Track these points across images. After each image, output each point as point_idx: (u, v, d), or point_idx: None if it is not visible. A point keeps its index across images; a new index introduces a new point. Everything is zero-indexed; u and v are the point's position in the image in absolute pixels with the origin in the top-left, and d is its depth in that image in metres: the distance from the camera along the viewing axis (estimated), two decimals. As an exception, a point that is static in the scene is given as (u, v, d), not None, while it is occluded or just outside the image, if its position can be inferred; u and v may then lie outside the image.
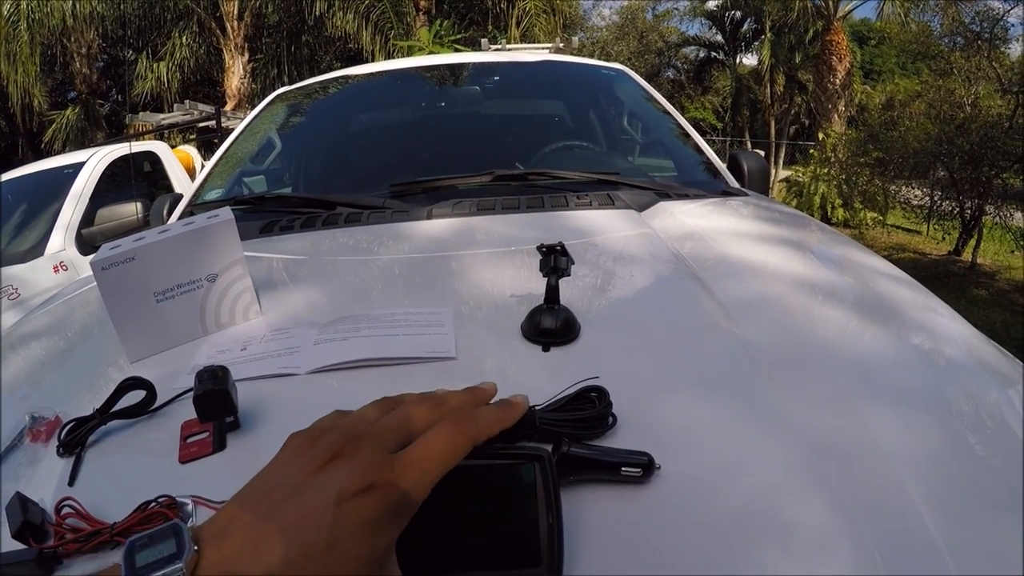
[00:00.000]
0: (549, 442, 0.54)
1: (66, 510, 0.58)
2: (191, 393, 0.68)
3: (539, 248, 0.80)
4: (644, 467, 0.53)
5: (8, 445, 0.74)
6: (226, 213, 0.94)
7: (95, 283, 1.31)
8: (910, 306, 0.94)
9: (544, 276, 0.79)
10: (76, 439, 0.71)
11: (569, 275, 0.79)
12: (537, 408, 0.57)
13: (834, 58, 13.11)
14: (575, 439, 0.55)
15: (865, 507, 0.52)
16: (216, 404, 0.65)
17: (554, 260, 0.78)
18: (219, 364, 0.69)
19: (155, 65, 14.43)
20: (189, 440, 0.67)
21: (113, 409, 0.73)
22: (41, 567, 0.54)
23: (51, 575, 0.54)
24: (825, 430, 0.61)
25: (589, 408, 0.58)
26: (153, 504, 0.55)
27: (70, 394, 0.82)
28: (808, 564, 0.48)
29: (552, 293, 0.79)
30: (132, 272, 0.88)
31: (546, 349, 0.75)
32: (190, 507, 0.56)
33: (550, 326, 0.75)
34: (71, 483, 0.66)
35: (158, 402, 0.74)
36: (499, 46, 5.83)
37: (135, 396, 0.74)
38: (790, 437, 0.60)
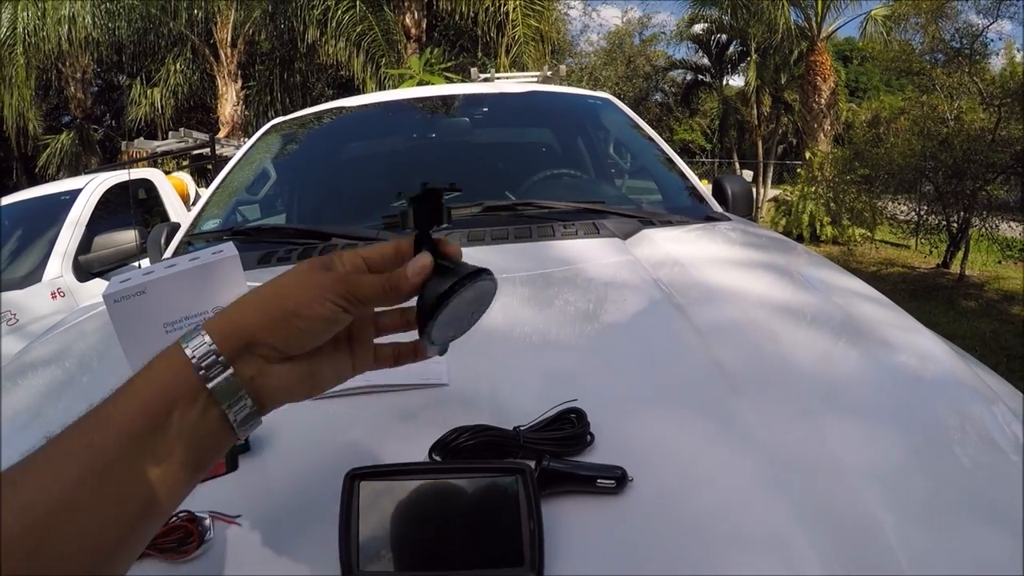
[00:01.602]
0: (533, 458, 0.59)
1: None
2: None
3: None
4: (618, 479, 0.59)
5: None
6: (230, 249, 0.99)
7: (98, 311, 1.38)
8: (881, 325, 0.99)
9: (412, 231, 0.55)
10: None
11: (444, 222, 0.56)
12: (521, 428, 0.64)
13: (819, 78, 13.26)
14: (556, 455, 0.61)
15: (823, 514, 0.58)
16: None
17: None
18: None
19: (149, 91, 14.50)
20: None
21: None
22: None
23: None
24: (787, 444, 0.66)
25: (568, 428, 0.65)
26: (175, 519, 0.60)
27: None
28: (767, 568, 0.54)
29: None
30: (142, 304, 0.93)
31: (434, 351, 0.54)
32: (208, 521, 0.61)
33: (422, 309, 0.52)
34: None
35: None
36: (489, 75, 5.91)
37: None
38: (754, 451, 0.66)
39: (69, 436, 0.43)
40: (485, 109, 2.41)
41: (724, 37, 19.98)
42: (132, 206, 4.16)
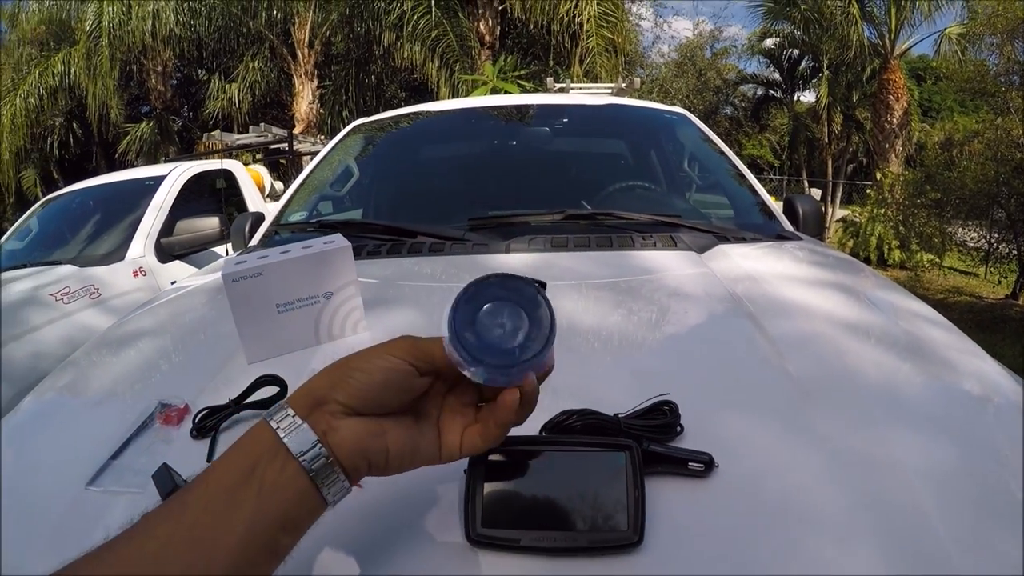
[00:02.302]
0: (631, 440, 0.66)
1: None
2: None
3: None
4: (707, 464, 0.67)
5: (139, 426, 0.87)
6: (341, 240, 1.08)
7: (187, 291, 1.48)
8: (943, 346, 1.03)
9: None
10: (210, 424, 0.85)
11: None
12: (621, 416, 0.71)
13: (891, 97, 12.98)
14: (652, 440, 0.68)
15: (881, 506, 0.65)
16: None
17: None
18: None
19: (227, 86, 14.95)
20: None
21: (247, 400, 0.88)
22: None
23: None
24: (852, 445, 0.73)
25: (661, 418, 0.72)
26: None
27: (190, 386, 0.96)
28: (831, 548, 0.61)
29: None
30: (258, 285, 1.03)
31: None
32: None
33: None
34: (209, 460, 0.79)
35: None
36: (564, 84, 5.97)
37: (266, 391, 0.88)
38: (822, 449, 0.73)
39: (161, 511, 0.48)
40: (565, 119, 2.48)
41: (796, 52, 19.67)
42: (219, 194, 4.32)
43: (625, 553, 0.59)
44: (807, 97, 22.70)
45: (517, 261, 1.35)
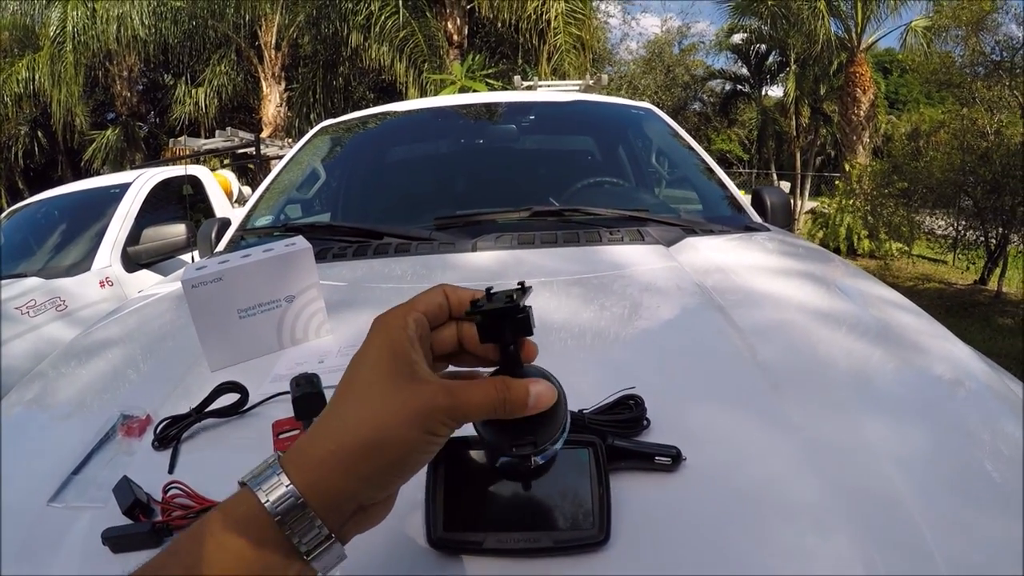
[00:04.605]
0: (595, 436, 0.65)
1: (173, 491, 0.70)
2: (281, 396, 0.81)
3: (472, 310, 0.49)
4: (674, 457, 0.66)
5: (100, 439, 0.85)
6: (303, 242, 1.07)
7: (153, 299, 1.45)
8: (914, 332, 1.04)
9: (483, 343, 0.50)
10: (172, 434, 0.83)
11: (530, 334, 0.50)
12: (585, 411, 0.70)
13: (858, 89, 13.12)
14: (617, 435, 0.67)
15: (855, 492, 0.64)
16: (312, 405, 0.77)
17: (502, 326, 0.49)
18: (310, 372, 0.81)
19: (193, 91, 14.79)
20: (282, 436, 0.79)
21: (208, 409, 0.86)
22: (153, 538, 0.66)
23: (161, 545, 0.65)
24: (823, 433, 0.73)
25: (627, 412, 0.71)
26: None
27: (152, 396, 0.94)
28: (804, 537, 0.60)
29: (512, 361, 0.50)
30: (219, 291, 1.01)
31: (526, 465, 0.52)
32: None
33: (520, 437, 0.50)
34: (171, 471, 0.77)
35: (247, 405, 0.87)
36: (532, 82, 5.97)
37: (227, 399, 0.86)
38: (793, 438, 0.72)
39: None
40: (532, 116, 2.47)
41: (763, 47, 19.81)
42: (187, 200, 4.26)
43: (591, 552, 0.58)
44: (775, 91, 22.93)
45: (484, 259, 1.34)
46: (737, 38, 19.74)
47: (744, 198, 1.93)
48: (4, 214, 4.78)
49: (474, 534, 0.59)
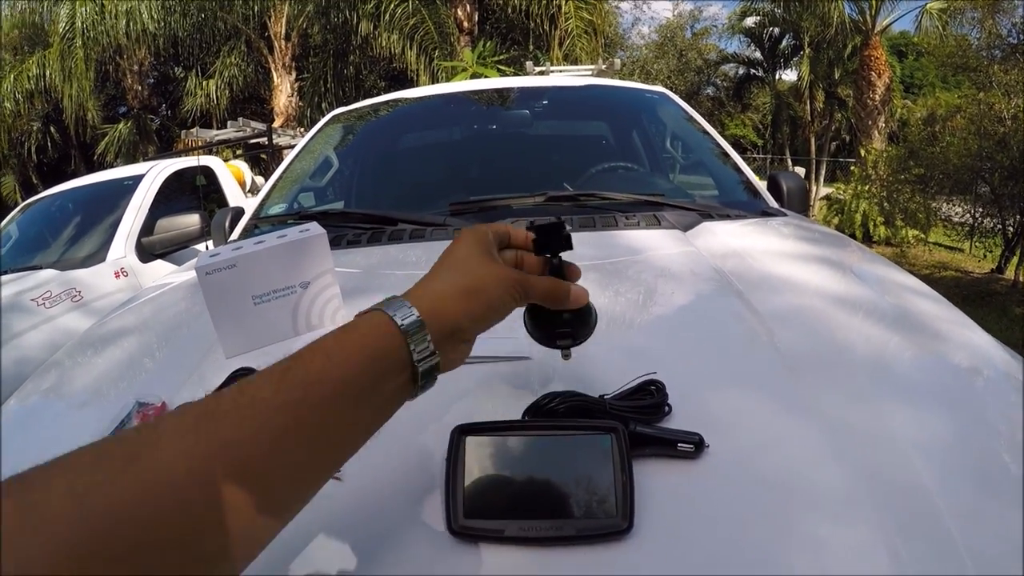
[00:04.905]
0: (618, 422, 0.64)
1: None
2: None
3: (528, 227, 0.67)
4: (696, 444, 0.64)
5: (116, 426, 0.85)
6: (316, 228, 1.05)
7: (168, 288, 1.45)
8: (934, 318, 1.02)
9: (538, 255, 0.67)
10: (188, 422, 0.82)
11: (570, 248, 0.68)
12: (607, 396, 0.69)
13: (873, 73, 12.99)
14: (639, 421, 0.65)
15: (879, 481, 0.63)
16: None
17: (550, 240, 0.66)
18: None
19: (204, 83, 14.85)
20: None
21: (223, 395, 0.85)
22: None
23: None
24: (843, 419, 0.71)
25: (649, 398, 0.70)
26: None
27: (168, 384, 0.93)
28: (828, 526, 0.59)
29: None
30: (233, 278, 1.00)
31: (566, 355, 0.69)
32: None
33: (562, 327, 0.67)
34: None
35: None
36: (543, 68, 5.92)
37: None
38: (813, 424, 0.70)
39: (269, 387, 0.46)
40: (545, 102, 2.45)
41: (777, 31, 19.66)
42: (200, 190, 4.27)
43: (615, 540, 0.57)
44: (789, 75, 22.78)
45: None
46: (750, 21, 19.61)
47: (760, 183, 1.91)
48: (19, 208, 4.81)
49: (495, 522, 0.58)
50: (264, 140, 8.43)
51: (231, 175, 5.07)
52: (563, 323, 0.66)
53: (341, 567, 0.58)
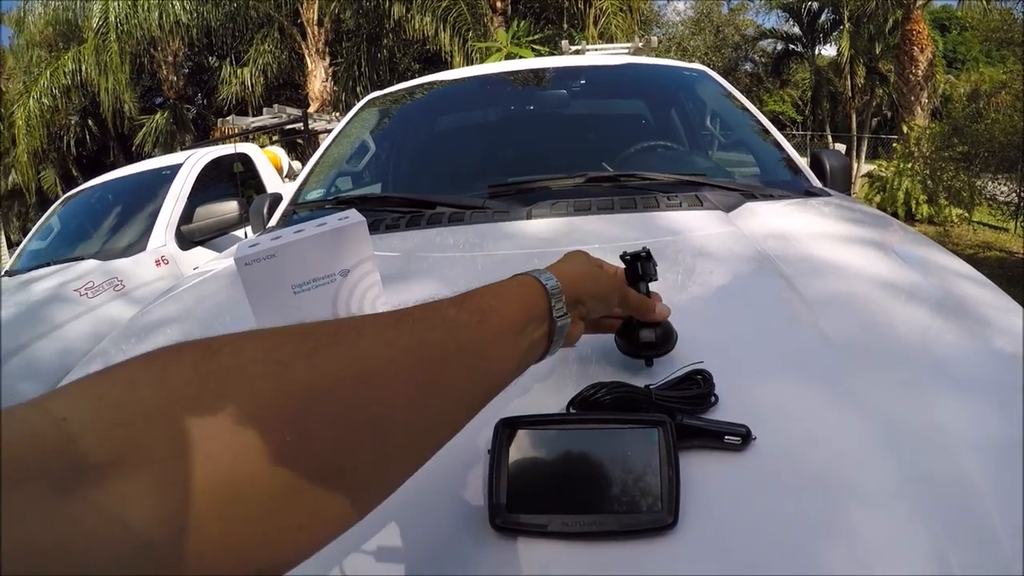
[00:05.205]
0: (663, 414, 0.62)
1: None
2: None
3: (623, 257, 0.77)
4: (743, 437, 0.62)
5: None
6: (356, 215, 1.05)
7: (208, 276, 1.46)
8: (982, 304, 0.98)
9: (631, 285, 0.75)
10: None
11: (656, 279, 0.77)
12: (652, 387, 0.67)
13: (915, 48, 12.65)
14: (685, 413, 0.64)
15: (928, 479, 0.60)
16: None
17: (641, 268, 0.75)
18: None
19: (239, 71, 14.98)
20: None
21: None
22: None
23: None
24: (894, 411, 0.68)
25: (695, 388, 0.68)
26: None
27: None
28: (874, 519, 0.57)
29: None
30: (272, 267, 0.99)
31: (649, 363, 0.75)
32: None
33: (650, 339, 0.74)
34: None
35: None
36: (579, 47, 5.84)
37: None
38: (863, 416, 0.68)
39: (453, 308, 0.50)
40: (583, 81, 2.41)
41: (815, 5, 19.23)
42: (237, 178, 4.31)
43: (659, 536, 0.55)
44: (828, 51, 22.28)
45: (539, 227, 1.31)
46: (787, -5, 19.18)
47: (802, 161, 1.86)
48: (60, 201, 4.90)
49: (538, 516, 0.56)
50: (300, 126, 8.48)
51: (268, 161, 5.11)
52: (647, 337, 0.74)
53: (384, 561, 0.57)
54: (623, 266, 0.76)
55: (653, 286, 0.76)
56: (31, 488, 0.27)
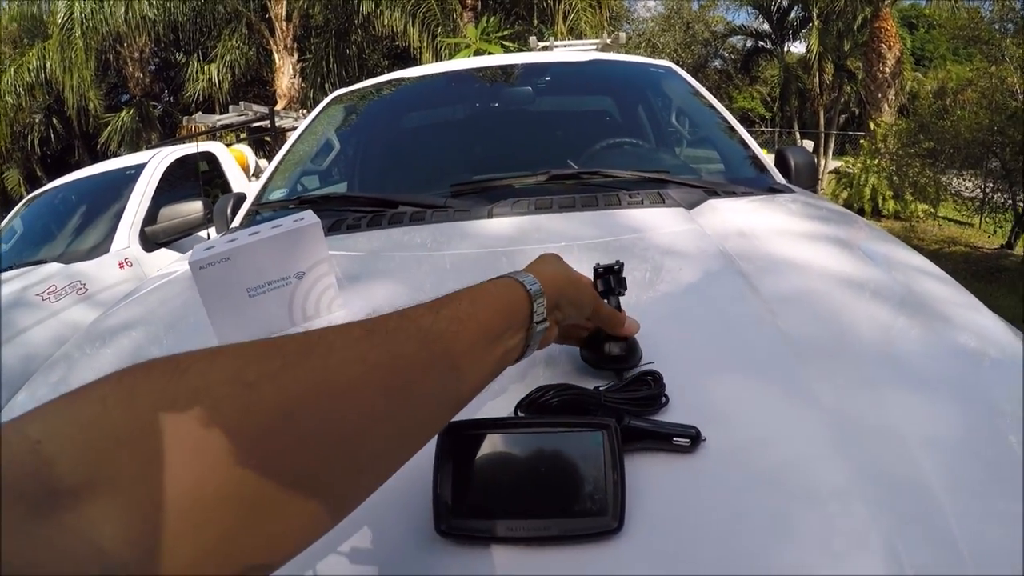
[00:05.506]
0: (612, 416, 0.62)
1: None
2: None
3: (596, 269, 0.78)
4: (692, 438, 0.62)
5: None
6: (311, 217, 1.03)
7: (172, 278, 1.44)
8: (943, 301, 0.98)
9: (603, 297, 0.75)
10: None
11: (625, 294, 0.78)
12: (601, 389, 0.67)
13: (883, 45, 12.81)
14: (634, 415, 0.63)
15: (881, 478, 0.60)
16: None
17: (614, 280, 0.77)
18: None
19: (206, 67, 14.81)
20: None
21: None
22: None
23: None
24: (849, 410, 0.68)
25: (645, 389, 0.67)
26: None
27: None
28: (824, 522, 0.56)
29: None
30: (227, 271, 0.98)
31: (618, 376, 0.74)
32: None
33: (617, 352, 0.74)
34: None
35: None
36: (548, 43, 5.83)
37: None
38: (817, 416, 0.68)
39: (428, 316, 0.50)
40: (548, 78, 2.41)
41: (785, 2, 19.39)
42: (200, 178, 4.24)
43: (604, 540, 0.55)
44: (798, 48, 22.49)
45: (500, 225, 1.30)
46: (757, -8, 19.32)
47: (767, 158, 1.87)
48: (23, 202, 4.80)
49: (484, 521, 0.56)
50: (267, 123, 8.39)
51: (234, 160, 5.05)
52: (614, 351, 0.74)
53: (327, 569, 0.56)
54: (592, 276, 0.76)
55: None
56: (9, 512, 0.27)
